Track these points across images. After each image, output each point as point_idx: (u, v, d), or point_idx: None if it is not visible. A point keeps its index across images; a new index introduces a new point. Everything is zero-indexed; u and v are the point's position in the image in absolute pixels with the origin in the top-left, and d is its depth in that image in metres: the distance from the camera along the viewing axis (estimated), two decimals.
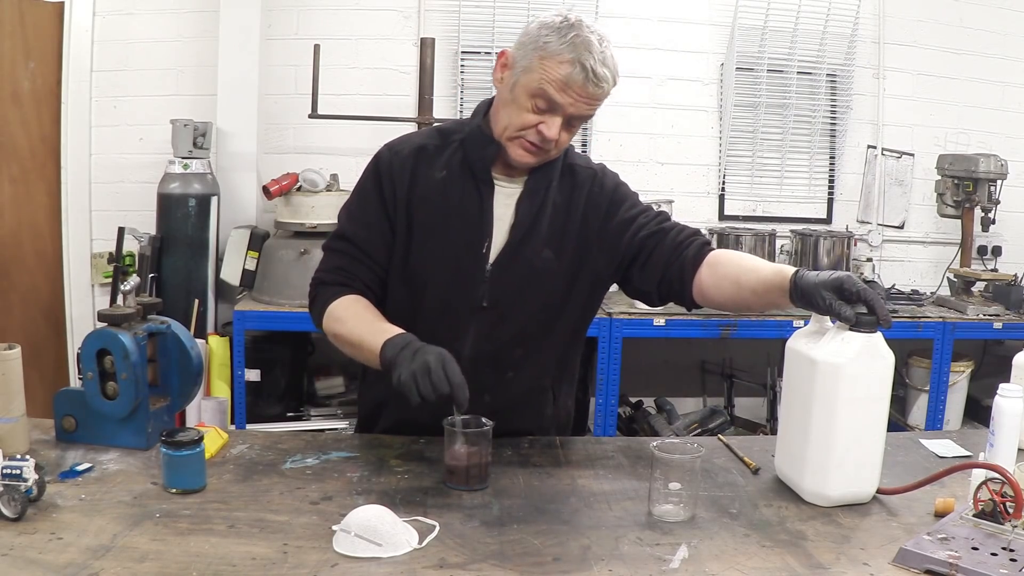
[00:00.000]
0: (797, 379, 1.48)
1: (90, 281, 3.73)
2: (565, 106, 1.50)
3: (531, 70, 1.50)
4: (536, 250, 1.63)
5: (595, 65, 1.47)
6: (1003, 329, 3.53)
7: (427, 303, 1.64)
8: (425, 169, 1.64)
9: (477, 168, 1.62)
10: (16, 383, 1.50)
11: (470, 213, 1.61)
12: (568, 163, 1.68)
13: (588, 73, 1.47)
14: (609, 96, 1.55)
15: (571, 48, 1.47)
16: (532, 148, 1.56)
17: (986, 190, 3.67)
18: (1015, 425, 1.50)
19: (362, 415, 1.87)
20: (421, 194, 1.63)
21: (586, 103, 1.52)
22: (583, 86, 1.49)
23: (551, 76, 1.48)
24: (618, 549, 1.26)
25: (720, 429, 3.51)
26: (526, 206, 1.63)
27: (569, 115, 1.52)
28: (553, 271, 1.64)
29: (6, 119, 3.59)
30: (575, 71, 1.47)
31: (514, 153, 1.57)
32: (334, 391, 3.63)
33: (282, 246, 3.37)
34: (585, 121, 1.61)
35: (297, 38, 3.68)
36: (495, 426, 1.47)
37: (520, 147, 1.56)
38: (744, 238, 3.57)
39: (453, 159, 1.64)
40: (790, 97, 3.98)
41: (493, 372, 1.64)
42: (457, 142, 1.65)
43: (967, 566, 1.16)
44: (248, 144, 3.63)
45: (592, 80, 1.48)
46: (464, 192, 1.62)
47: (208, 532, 1.25)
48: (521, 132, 1.54)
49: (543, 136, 1.53)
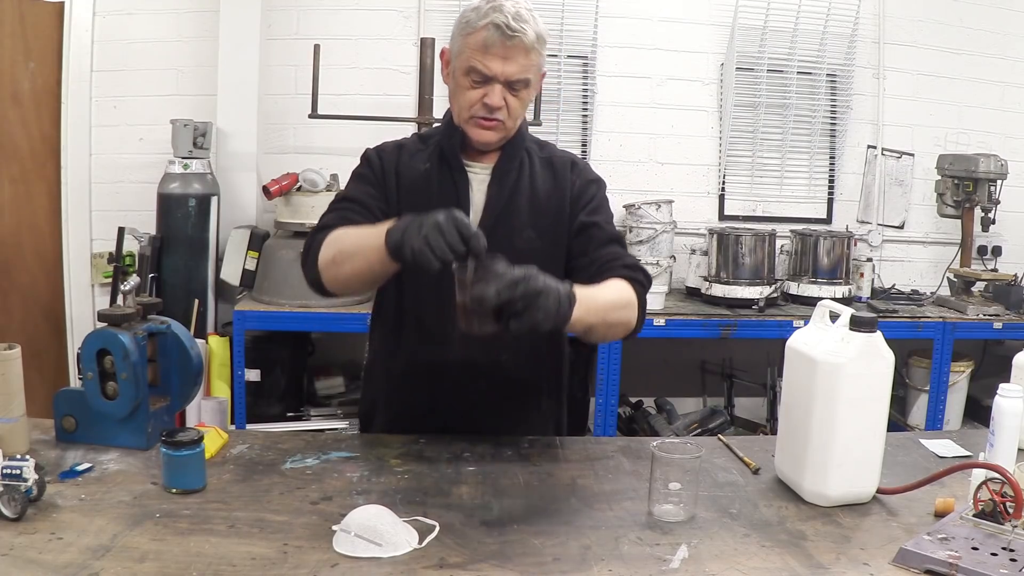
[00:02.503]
0: (797, 379, 1.48)
1: (90, 281, 3.73)
2: (496, 72, 1.56)
3: (460, 52, 1.59)
4: (517, 230, 1.67)
5: (508, 21, 1.53)
6: (1003, 329, 3.53)
7: (415, 286, 1.68)
8: (408, 160, 1.72)
9: (449, 156, 1.69)
10: (16, 383, 1.50)
11: (449, 200, 1.65)
12: (546, 156, 1.75)
13: (503, 30, 1.53)
14: (544, 56, 1.61)
15: (484, 16, 1.55)
16: (486, 123, 1.62)
17: (986, 190, 3.67)
18: (1015, 425, 1.50)
19: (362, 410, 1.89)
20: (407, 184, 1.70)
21: (514, 63, 1.56)
22: (501, 44, 1.54)
23: (473, 47, 1.56)
24: (618, 549, 1.26)
25: (720, 429, 3.51)
26: (495, 188, 1.69)
27: (506, 80, 1.57)
28: (536, 250, 1.65)
29: (6, 119, 3.59)
30: (490, 33, 1.54)
31: (473, 133, 1.64)
32: (334, 391, 3.63)
33: (282, 246, 3.37)
34: (529, 85, 1.62)
35: (297, 38, 3.68)
36: (491, 424, 1.47)
37: (476, 126, 1.63)
38: (744, 238, 3.57)
39: (433, 155, 1.72)
40: (790, 97, 3.98)
41: (485, 355, 1.66)
42: (436, 142, 1.73)
43: (967, 566, 1.16)
44: (248, 144, 3.63)
45: (507, 35, 1.53)
46: (443, 181, 1.69)
47: (208, 532, 1.25)
48: (471, 111, 1.61)
49: (489, 107, 1.59)
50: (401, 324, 1.74)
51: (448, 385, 1.71)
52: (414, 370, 1.72)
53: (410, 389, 1.74)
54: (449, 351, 1.68)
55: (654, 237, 3.58)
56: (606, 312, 1.52)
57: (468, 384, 1.70)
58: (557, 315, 1.30)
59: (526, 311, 1.26)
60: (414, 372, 1.72)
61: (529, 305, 1.26)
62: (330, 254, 1.55)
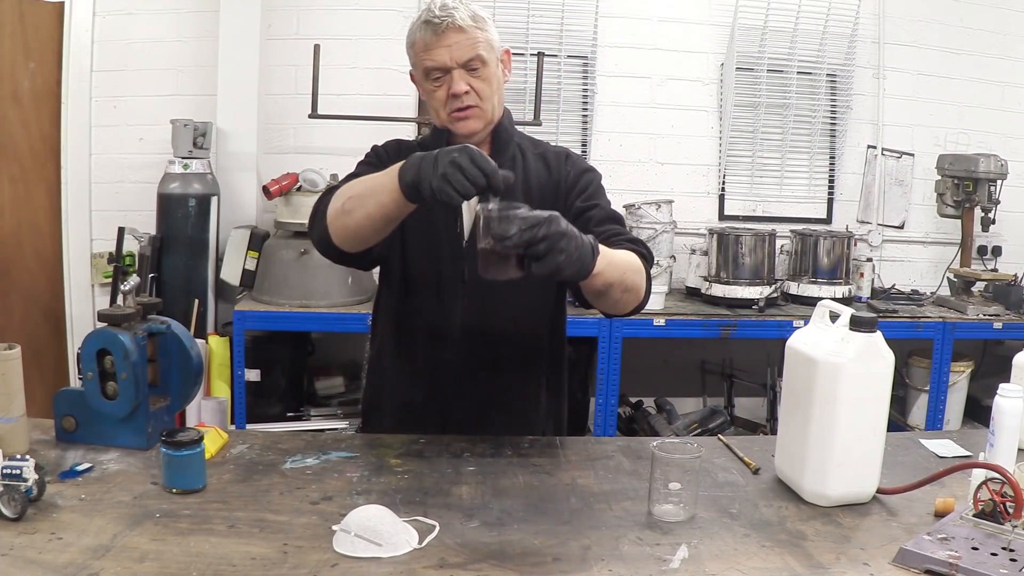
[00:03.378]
0: (797, 379, 1.48)
1: (90, 281, 3.73)
2: (445, 61, 1.59)
3: (414, 62, 1.65)
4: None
5: (434, 12, 1.57)
6: (1003, 329, 3.53)
7: (417, 279, 1.71)
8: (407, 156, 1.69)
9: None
10: (16, 383, 1.50)
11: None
12: (539, 151, 1.76)
13: (431, 22, 1.58)
14: (491, 33, 1.62)
15: (417, 21, 1.62)
16: (461, 113, 1.63)
17: (986, 190, 3.67)
18: (1015, 425, 1.50)
19: (364, 407, 1.90)
20: None
21: (457, 46, 1.58)
22: (435, 34, 1.58)
23: (418, 50, 1.61)
24: (618, 549, 1.26)
25: (720, 429, 3.51)
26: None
27: (458, 63, 1.59)
28: None
29: (6, 119, 3.59)
30: (424, 30, 1.59)
31: (455, 127, 1.65)
32: (334, 391, 3.63)
33: (282, 246, 3.37)
34: (485, 63, 1.62)
35: (297, 38, 3.68)
36: (491, 421, 1.47)
37: (455, 120, 1.64)
38: (744, 238, 3.57)
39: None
40: (790, 97, 3.98)
41: (486, 347, 1.68)
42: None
43: (967, 566, 1.16)
44: (248, 144, 3.63)
45: (436, 23, 1.57)
46: None
47: (208, 532, 1.25)
48: (446, 108, 1.63)
49: (456, 94, 1.61)
50: (403, 322, 1.75)
51: (449, 383, 1.72)
52: (415, 368, 1.74)
53: (411, 387, 1.75)
54: (450, 350, 1.69)
55: (654, 237, 3.58)
56: (623, 272, 1.48)
57: (469, 383, 1.71)
58: (580, 261, 1.28)
59: (548, 253, 1.24)
60: (415, 370, 1.74)
61: (552, 247, 1.23)
62: (339, 204, 1.51)
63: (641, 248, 1.61)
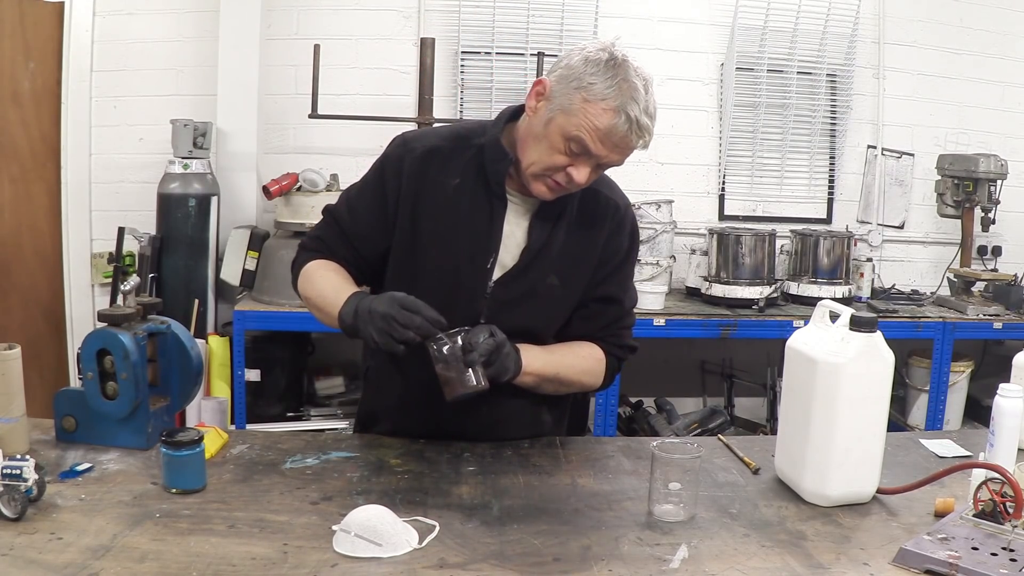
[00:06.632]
0: (797, 379, 1.48)
1: (90, 281, 3.73)
2: (601, 155, 1.44)
3: (571, 112, 1.42)
4: (542, 275, 1.59)
5: (639, 115, 1.41)
6: (1003, 329, 3.53)
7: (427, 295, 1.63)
8: (435, 173, 1.58)
9: (492, 181, 1.56)
10: (16, 383, 1.50)
11: (479, 227, 1.57)
12: (591, 191, 1.59)
13: (632, 124, 1.41)
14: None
15: (617, 94, 1.40)
16: (556, 187, 1.50)
17: (986, 190, 3.67)
18: (1015, 425, 1.50)
19: (359, 418, 1.85)
20: (430, 200, 1.57)
21: (622, 155, 1.47)
22: (624, 136, 1.42)
23: (592, 124, 1.41)
24: (618, 549, 1.26)
25: (720, 429, 3.51)
26: (538, 230, 1.58)
27: (600, 158, 1.46)
28: (556, 297, 1.62)
29: (6, 119, 3.59)
30: (619, 122, 1.40)
31: (536, 189, 1.51)
32: (334, 391, 3.63)
33: (282, 246, 3.37)
34: (612, 166, 1.52)
35: (297, 38, 3.68)
36: (492, 435, 1.48)
37: (544, 185, 1.50)
38: (744, 238, 3.57)
39: (469, 166, 1.58)
40: (790, 97, 3.98)
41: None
42: (476, 148, 1.58)
43: (967, 566, 1.16)
44: (248, 144, 3.63)
45: (636, 131, 1.42)
46: (475, 203, 1.57)
47: (208, 532, 1.25)
48: (547, 171, 1.48)
49: (571, 179, 1.47)
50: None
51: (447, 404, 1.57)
52: (411, 389, 1.66)
53: (408, 406, 1.69)
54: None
55: (654, 237, 3.59)
56: (557, 373, 1.62)
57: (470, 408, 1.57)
58: (517, 366, 1.50)
59: (498, 360, 1.43)
60: (411, 391, 1.66)
61: (499, 357, 1.44)
62: (303, 291, 1.65)
63: (616, 349, 1.69)
